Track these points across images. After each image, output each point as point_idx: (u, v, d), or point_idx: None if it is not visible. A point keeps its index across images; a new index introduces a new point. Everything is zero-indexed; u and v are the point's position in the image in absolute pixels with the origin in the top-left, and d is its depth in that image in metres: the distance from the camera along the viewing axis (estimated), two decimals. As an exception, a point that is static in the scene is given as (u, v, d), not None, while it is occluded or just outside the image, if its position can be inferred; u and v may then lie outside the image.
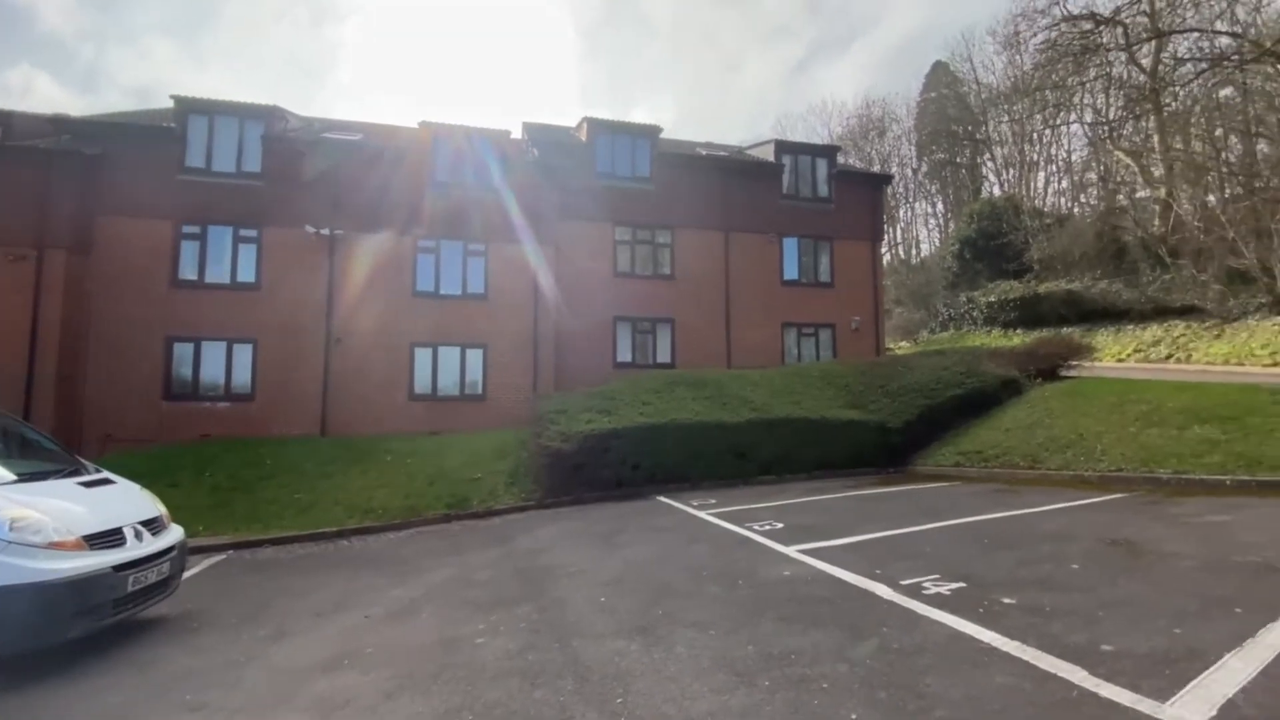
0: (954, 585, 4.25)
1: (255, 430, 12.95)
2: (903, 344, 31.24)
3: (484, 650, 3.81)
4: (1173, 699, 2.59)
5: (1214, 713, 2.47)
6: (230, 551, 7.78)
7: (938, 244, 41.94)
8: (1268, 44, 16.85)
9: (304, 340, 13.83)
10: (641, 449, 9.89)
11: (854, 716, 2.66)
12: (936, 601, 3.97)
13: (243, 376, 13.63)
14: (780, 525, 6.76)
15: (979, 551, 5.11)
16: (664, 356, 16.41)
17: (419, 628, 4.40)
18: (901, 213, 46.65)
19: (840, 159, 37.99)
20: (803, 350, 17.68)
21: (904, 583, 4.38)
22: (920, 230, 47.34)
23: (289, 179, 14.02)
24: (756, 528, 6.65)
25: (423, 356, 14.50)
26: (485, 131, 15.43)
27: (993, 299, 25.79)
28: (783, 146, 18.48)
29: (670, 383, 12.03)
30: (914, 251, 46.71)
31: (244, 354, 13.66)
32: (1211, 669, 2.82)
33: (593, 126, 16.66)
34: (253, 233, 13.91)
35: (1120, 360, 18.67)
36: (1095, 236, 24.88)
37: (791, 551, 5.57)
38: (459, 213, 14.81)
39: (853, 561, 5.05)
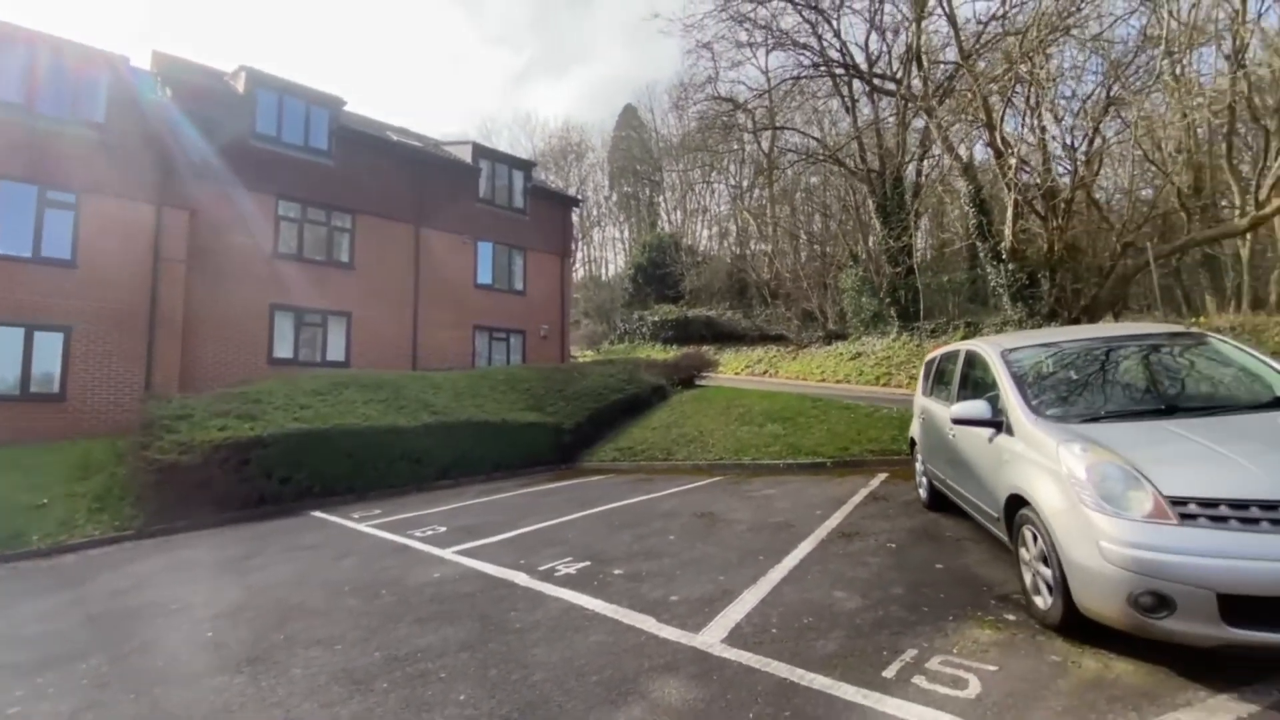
0: (581, 565, 4.92)
1: None
2: (588, 352, 34.24)
3: (12, 725, 2.97)
4: (703, 629, 3.49)
5: (725, 634, 3.42)
6: None
7: (622, 266, 47.23)
8: (832, 149, 23.68)
9: None
10: (295, 459, 8.79)
11: (463, 697, 2.91)
12: (563, 581, 4.55)
13: None
14: (444, 529, 6.80)
15: (608, 533, 6.00)
16: (337, 354, 14.87)
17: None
18: (595, 234, 51.14)
19: (541, 174, 39.67)
20: (494, 354, 18.00)
21: (541, 568, 4.89)
22: (610, 251, 52.56)
23: None
24: (418, 534, 6.57)
25: (-49, 339, 10.34)
26: (84, 49, 11.81)
27: (657, 318, 30.27)
28: (481, 151, 18.60)
29: (338, 384, 10.99)
30: (604, 270, 51.65)
31: None
32: (734, 603, 3.89)
33: (253, 79, 14.17)
34: None
35: (736, 373, 23.85)
36: (727, 275, 31.39)
37: (447, 554, 5.68)
38: (32, 148, 11.02)
39: (503, 555, 5.42)
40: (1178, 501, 2.65)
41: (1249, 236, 16.81)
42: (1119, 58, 17.03)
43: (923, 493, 6.03)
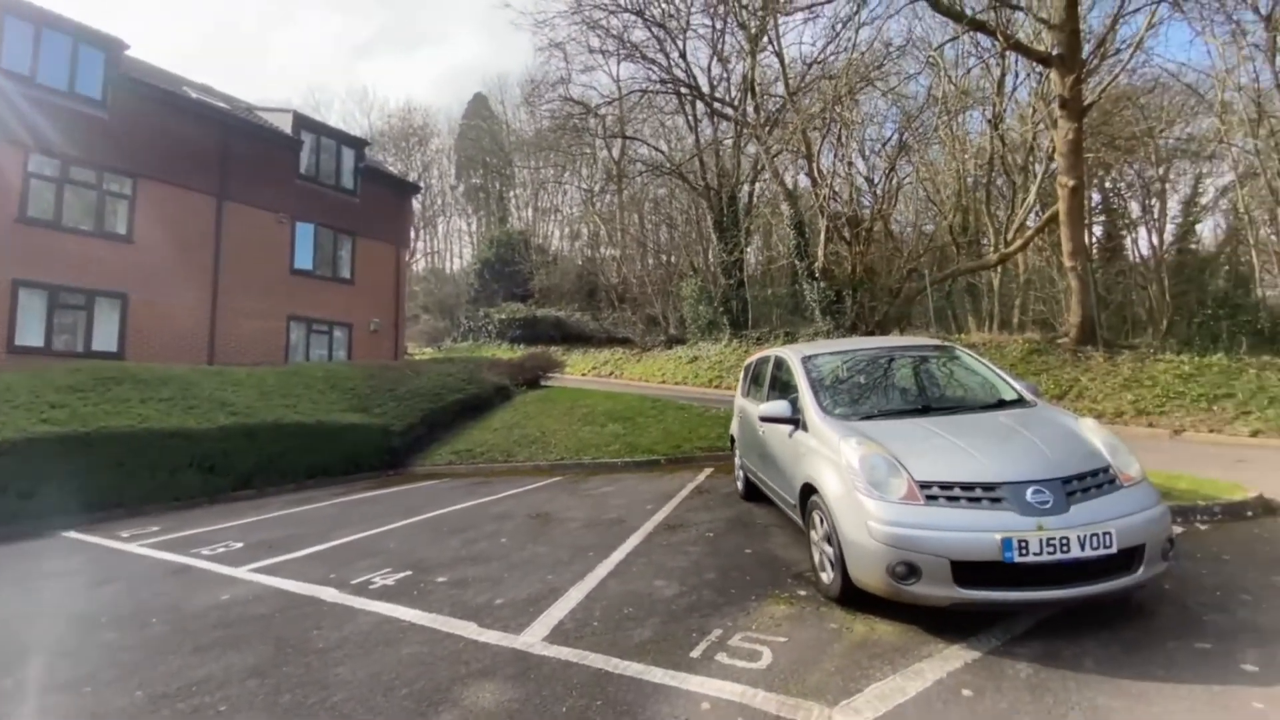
0: (401, 575, 4.64)
1: None
2: (427, 350, 32.39)
3: None
4: (525, 630, 3.47)
5: (547, 632, 3.43)
6: None
7: (469, 260, 45.42)
8: (676, 164, 24.90)
9: None
10: (41, 469, 7.22)
11: (245, 729, 2.60)
12: (379, 593, 4.25)
13: None
14: (239, 545, 6.01)
15: (435, 539, 5.72)
16: (107, 343, 12.47)
17: None
18: (440, 224, 48.56)
19: (378, 155, 36.85)
20: (314, 349, 16.30)
21: (354, 582, 4.53)
22: (455, 244, 50.24)
23: None
24: (206, 552, 5.73)
25: None
26: None
27: (504, 316, 29.55)
28: (304, 122, 16.77)
29: (106, 379, 9.24)
30: (448, 263, 49.23)
31: None
32: (559, 601, 3.91)
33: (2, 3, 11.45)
34: None
35: (583, 374, 24.10)
36: (578, 277, 31.60)
37: (241, 572, 5.03)
38: None
39: (310, 570, 4.92)
40: (925, 485, 3.18)
41: (999, 270, 20.67)
42: (911, 110, 20.04)
43: (739, 485, 6.57)
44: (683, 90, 22.99)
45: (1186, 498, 5.08)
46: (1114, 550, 2.90)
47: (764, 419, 4.54)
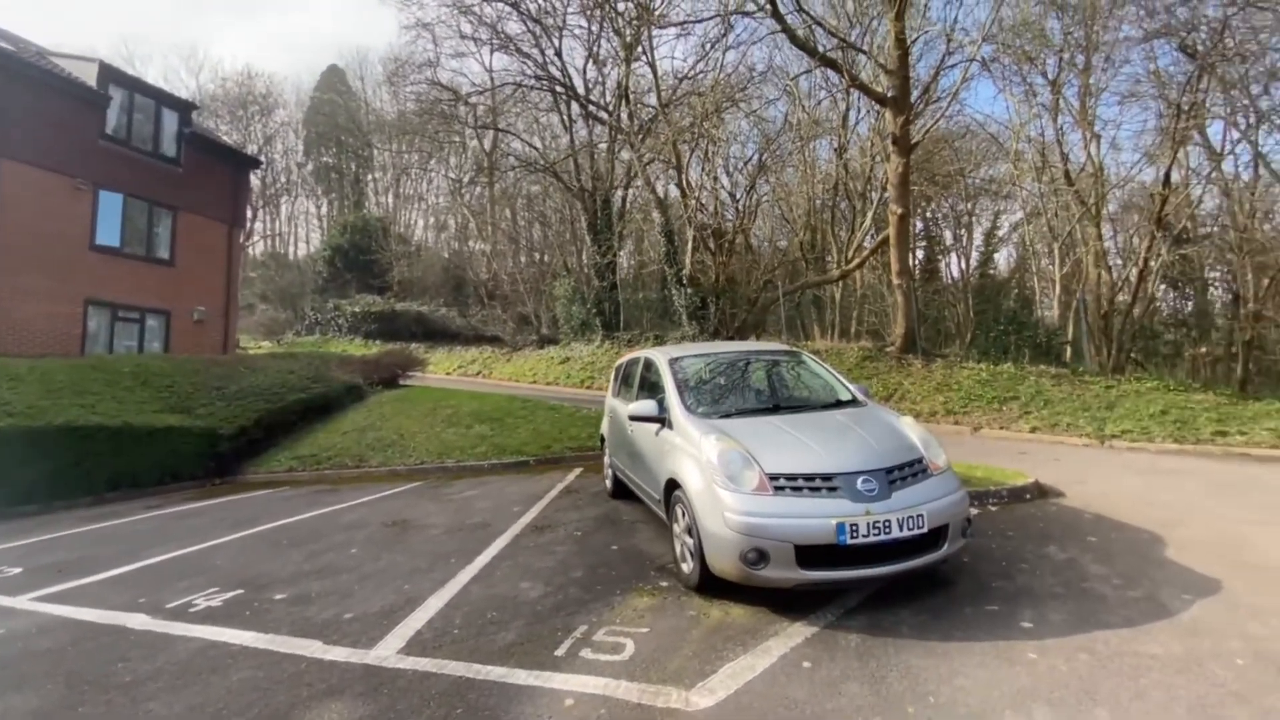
0: (230, 595, 4.14)
1: None
2: (265, 344, 29.15)
3: None
4: (379, 643, 3.27)
5: (403, 644, 3.25)
6: None
7: (317, 246, 41.52)
8: (550, 162, 24.67)
9: None
10: None
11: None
12: (202, 616, 3.77)
13: None
14: (17, 571, 5.03)
15: (273, 554, 5.18)
16: None
17: None
18: (284, 205, 43.93)
19: (211, 123, 32.62)
20: (120, 339, 13.97)
21: (170, 605, 3.97)
22: (302, 228, 45.73)
23: None
24: (-36, 581, 4.71)
25: None
26: None
27: (358, 309, 27.40)
28: (112, 74, 14.31)
29: None
30: (293, 248, 44.67)
31: None
32: (417, 611, 3.72)
33: None
34: None
35: (448, 373, 23.04)
36: (444, 270, 30.14)
37: (21, 602, 4.21)
38: None
39: (113, 596, 4.24)
40: (774, 478, 3.46)
41: (841, 284, 22.94)
42: (770, 134, 21.62)
43: (609, 483, 6.67)
44: (558, 89, 22.85)
45: (981, 484, 5.99)
46: (925, 530, 3.36)
47: (633, 418, 4.66)
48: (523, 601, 3.77)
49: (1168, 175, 16.17)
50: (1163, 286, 19.06)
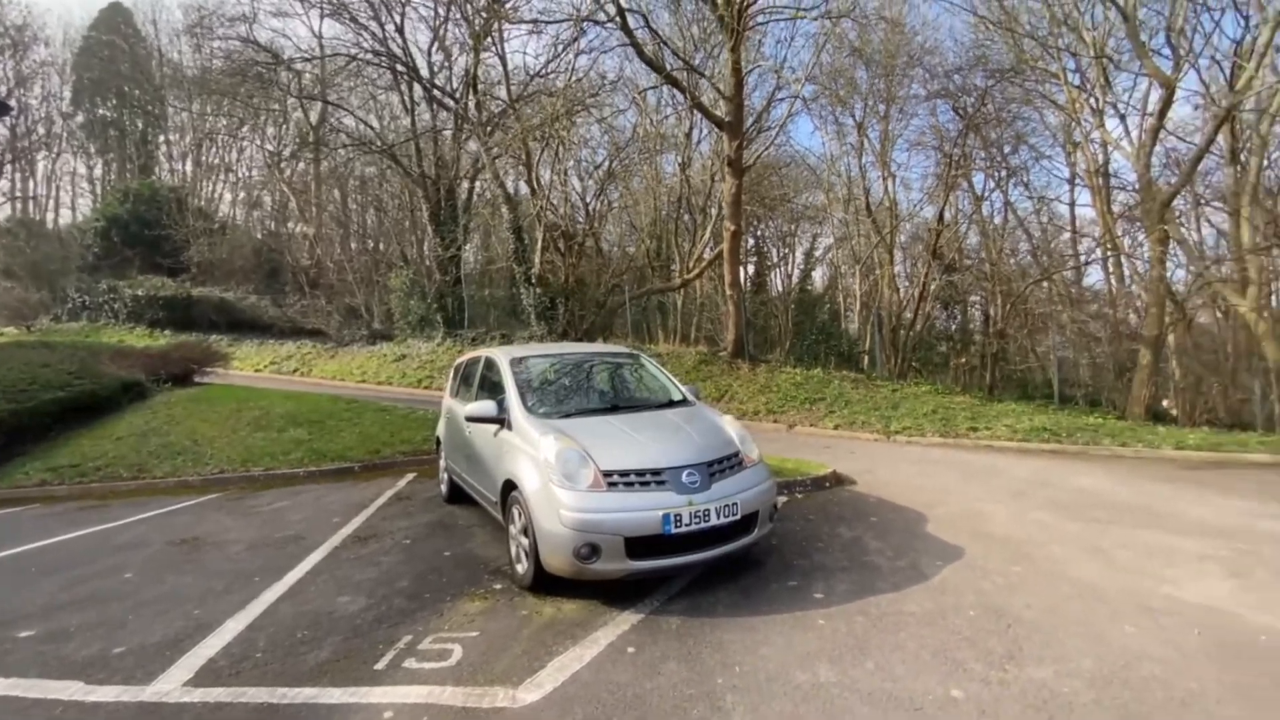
0: (-55, 640, 3.34)
1: None
2: (9, 330, 23.64)
3: None
4: (159, 677, 2.86)
5: (190, 675, 2.88)
6: None
7: (87, 214, 34.47)
8: (388, 144, 22.98)
9: None
10: None
11: None
12: (-101, 671, 2.99)
13: None
14: None
15: (15, 585, 4.26)
16: None
17: None
18: (42, 162, 35.90)
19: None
20: None
21: None
22: (66, 192, 37.77)
23: None
24: None
25: None
26: None
27: (141, 293, 23.25)
28: None
29: None
30: (52, 214, 36.73)
31: None
32: (210, 637, 3.30)
33: None
34: None
35: (258, 370, 20.42)
36: (255, 253, 26.65)
37: None
38: None
39: None
40: (608, 474, 3.60)
41: (683, 291, 24.25)
42: (620, 142, 22.19)
43: (444, 488, 6.42)
44: (399, 68, 21.36)
45: (790, 475, 6.73)
46: (739, 517, 3.72)
47: (470, 419, 4.55)
48: (340, 616, 3.51)
49: (941, 214, 19.41)
50: (937, 306, 22.71)
